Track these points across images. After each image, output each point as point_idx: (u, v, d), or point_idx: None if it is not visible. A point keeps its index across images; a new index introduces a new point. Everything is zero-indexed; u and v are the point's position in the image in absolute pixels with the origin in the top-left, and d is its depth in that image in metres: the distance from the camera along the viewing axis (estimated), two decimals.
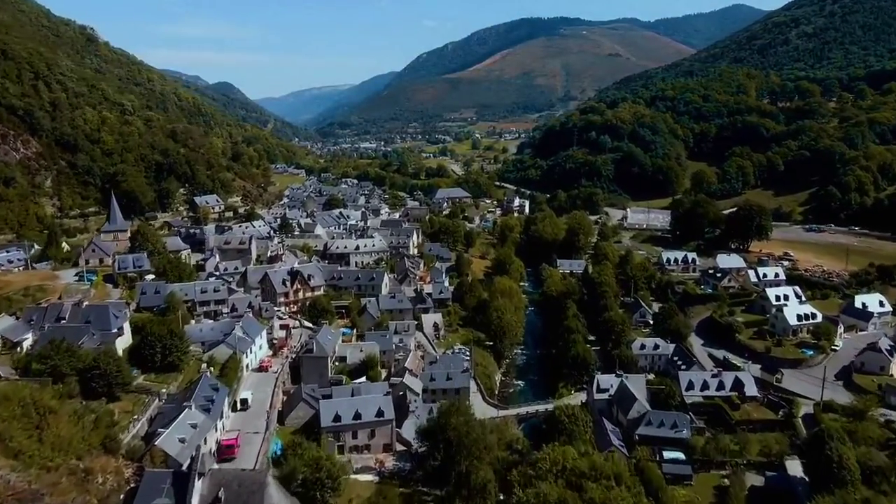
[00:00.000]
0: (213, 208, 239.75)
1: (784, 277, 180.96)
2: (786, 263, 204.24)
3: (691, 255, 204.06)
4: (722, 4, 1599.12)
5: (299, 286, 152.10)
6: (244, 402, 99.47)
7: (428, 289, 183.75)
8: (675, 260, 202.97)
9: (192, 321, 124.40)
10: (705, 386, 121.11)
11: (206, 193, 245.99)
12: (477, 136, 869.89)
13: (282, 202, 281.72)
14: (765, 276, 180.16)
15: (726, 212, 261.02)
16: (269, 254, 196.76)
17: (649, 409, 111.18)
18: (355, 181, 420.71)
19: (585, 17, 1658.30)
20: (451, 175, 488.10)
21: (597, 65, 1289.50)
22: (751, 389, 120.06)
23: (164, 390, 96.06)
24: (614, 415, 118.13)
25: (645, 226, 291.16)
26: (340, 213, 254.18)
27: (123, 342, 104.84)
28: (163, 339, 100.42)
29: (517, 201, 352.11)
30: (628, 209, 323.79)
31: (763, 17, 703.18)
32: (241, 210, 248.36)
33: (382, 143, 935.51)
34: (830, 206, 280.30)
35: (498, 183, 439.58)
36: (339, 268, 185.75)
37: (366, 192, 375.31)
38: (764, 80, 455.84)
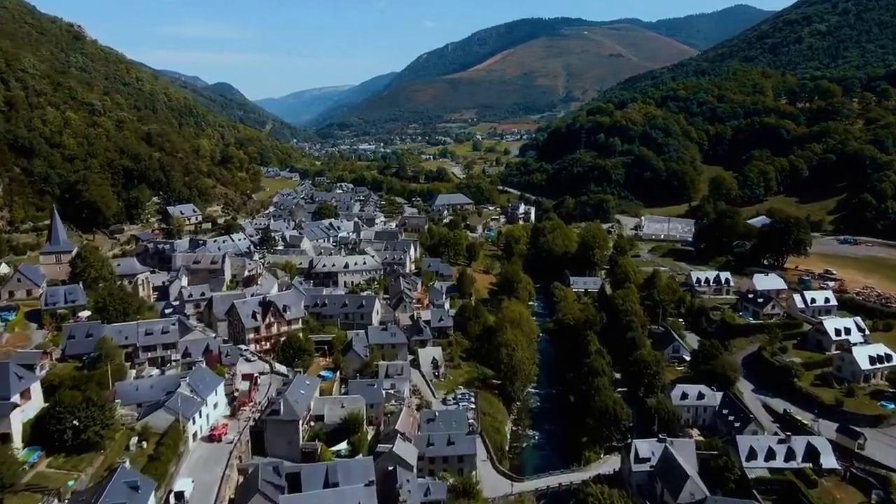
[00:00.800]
0: (189, 219, 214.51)
1: (835, 303, 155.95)
2: (830, 284, 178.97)
3: (724, 275, 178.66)
4: (724, 5, 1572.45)
5: (272, 319, 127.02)
6: (180, 496, 74.35)
7: (426, 315, 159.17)
8: (707, 280, 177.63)
9: (132, 372, 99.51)
10: (771, 454, 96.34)
11: (183, 202, 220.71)
12: (478, 137, 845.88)
13: (268, 211, 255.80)
14: (813, 301, 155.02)
15: (754, 221, 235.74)
16: (245, 273, 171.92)
17: (707, 494, 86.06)
18: (350, 186, 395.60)
19: (587, 18, 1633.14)
20: (451, 179, 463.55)
21: (598, 65, 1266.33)
22: (828, 460, 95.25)
23: (71, 483, 71.39)
24: (658, 493, 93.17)
25: (663, 236, 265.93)
26: (331, 223, 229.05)
27: (28, 411, 79.70)
28: (76, 410, 75.56)
29: (522, 208, 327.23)
30: (643, 217, 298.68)
31: (772, 16, 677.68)
32: (220, 221, 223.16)
33: (382, 144, 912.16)
34: (865, 215, 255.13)
35: (501, 187, 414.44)
36: (324, 292, 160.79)
37: (361, 197, 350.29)
38: (780, 79, 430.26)
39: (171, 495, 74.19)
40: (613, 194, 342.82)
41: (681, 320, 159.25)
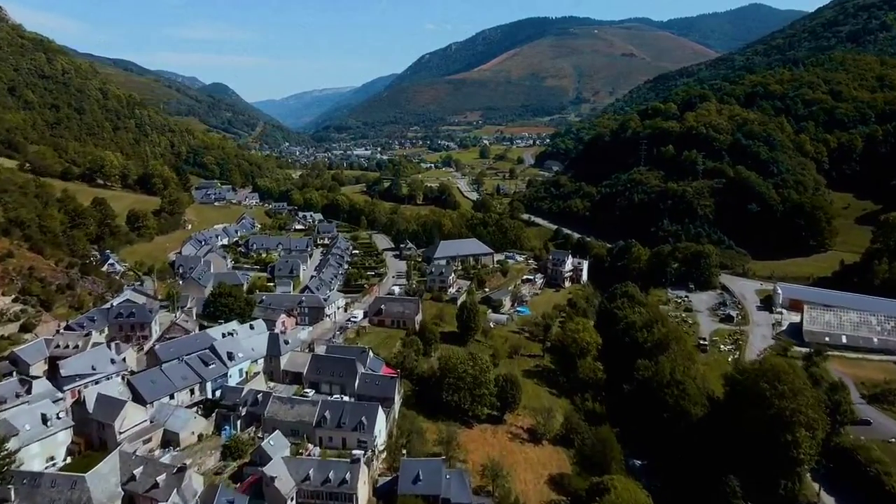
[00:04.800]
0: None
1: None
2: None
3: None
4: (737, 4, 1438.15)
5: None
6: None
7: None
8: None
9: None
10: None
11: None
12: (485, 142, 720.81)
13: (107, 305, 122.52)
14: None
15: None
16: None
17: None
18: (318, 217, 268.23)
19: (595, 17, 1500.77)
20: (458, 201, 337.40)
21: (610, 65, 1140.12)
22: None
23: None
24: None
25: (845, 339, 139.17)
26: (211, 349, 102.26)
27: None
28: None
29: (569, 262, 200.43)
30: (778, 288, 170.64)
31: (834, 1, 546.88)
32: None
33: (379, 149, 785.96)
34: None
35: (526, 216, 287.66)
36: None
37: (326, 239, 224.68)
38: None
39: None
40: (703, 236, 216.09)
41: None
